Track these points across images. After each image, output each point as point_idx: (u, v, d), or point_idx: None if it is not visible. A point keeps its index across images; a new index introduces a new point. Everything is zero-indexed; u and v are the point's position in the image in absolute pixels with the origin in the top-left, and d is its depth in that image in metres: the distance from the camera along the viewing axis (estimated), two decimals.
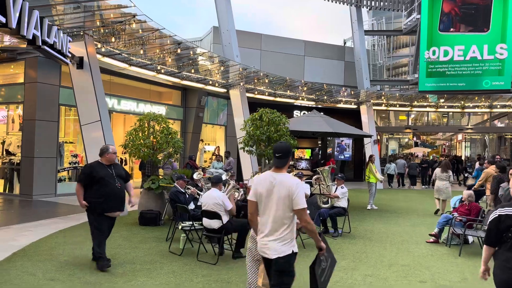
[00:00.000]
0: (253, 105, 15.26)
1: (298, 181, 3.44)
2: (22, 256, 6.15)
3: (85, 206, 5.57)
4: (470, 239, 7.87)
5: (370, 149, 19.40)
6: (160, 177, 9.55)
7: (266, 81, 16.32)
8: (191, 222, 6.68)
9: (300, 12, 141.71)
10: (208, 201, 6.25)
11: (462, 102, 22.82)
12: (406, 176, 20.13)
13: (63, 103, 12.71)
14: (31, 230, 7.89)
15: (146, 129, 9.22)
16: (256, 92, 18.04)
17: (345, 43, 30.29)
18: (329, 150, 23.88)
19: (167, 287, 4.97)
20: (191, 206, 7.50)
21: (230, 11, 16.27)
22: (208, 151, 19.47)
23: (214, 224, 6.15)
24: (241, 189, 8.80)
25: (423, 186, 20.00)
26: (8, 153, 12.97)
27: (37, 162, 11.99)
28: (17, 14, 6.26)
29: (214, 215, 6.11)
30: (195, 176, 8.91)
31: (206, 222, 6.25)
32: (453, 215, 7.79)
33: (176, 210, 7.11)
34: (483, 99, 22.32)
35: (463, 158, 26.77)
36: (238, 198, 8.08)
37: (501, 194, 7.77)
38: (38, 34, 7.01)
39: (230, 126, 18.83)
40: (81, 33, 9.69)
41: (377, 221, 10.18)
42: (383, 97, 21.57)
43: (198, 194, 8.00)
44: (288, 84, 17.36)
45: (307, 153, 22.31)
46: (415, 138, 35.64)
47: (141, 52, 11.84)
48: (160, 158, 9.29)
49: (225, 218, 6.17)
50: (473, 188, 10.06)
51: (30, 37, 6.74)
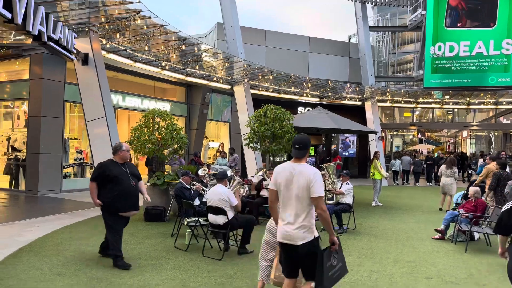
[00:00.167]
0: (257, 101, 15.27)
1: (316, 171, 3.58)
2: (28, 251, 6.18)
3: (100, 205, 5.46)
4: (476, 235, 7.83)
5: (374, 145, 19.35)
6: (166, 173, 9.57)
7: (271, 77, 16.29)
8: (196, 218, 6.69)
9: (304, 9, 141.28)
10: (213, 197, 6.25)
11: (468, 99, 22.68)
12: (411, 173, 20.06)
13: (68, 99, 12.76)
14: (37, 226, 7.93)
15: (151, 125, 9.23)
16: (260, 89, 18.02)
17: (349, 39, 30.18)
18: (333, 147, 23.84)
19: (173, 283, 4.98)
20: (196, 202, 7.50)
21: (235, 7, 16.23)
22: (212, 147, 19.48)
23: (220, 220, 6.15)
24: (246, 185, 8.81)
25: (428, 183, 19.92)
26: (14, 149, 13.03)
27: (42, 158, 12.04)
28: (23, 10, 6.28)
29: (219, 211, 6.11)
30: (200, 172, 8.91)
31: (212, 218, 6.25)
32: (459, 211, 7.75)
33: (182, 206, 7.12)
34: (489, 96, 22.17)
35: (468, 155, 26.62)
36: (243, 194, 8.09)
37: (507, 192, 7.78)
38: (44, 30, 7.03)
39: (234, 122, 18.82)
40: (86, 29, 9.70)
41: (382, 217, 10.15)
42: (388, 94, 21.48)
43: (203, 190, 8.00)
44: (292, 81, 17.33)
45: (310, 150, 22.26)
46: (419, 135, 35.50)
47: (146, 48, 11.84)
48: (165, 154, 9.30)
49: (231, 214, 6.17)
50: (474, 184, 10.09)
51: (36, 33, 6.76)
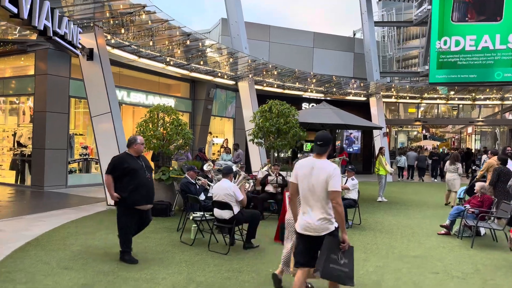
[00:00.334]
0: (262, 97, 15.23)
1: (336, 167, 3.73)
2: (35, 246, 6.22)
3: (117, 198, 5.36)
4: (482, 231, 7.79)
5: (379, 141, 19.29)
6: (171, 168, 9.59)
7: (275, 73, 16.25)
8: (202, 213, 6.70)
9: (309, 4, 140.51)
10: (219, 192, 6.25)
11: (473, 94, 22.53)
12: (416, 168, 20.00)
13: (73, 95, 12.79)
14: (43, 221, 7.98)
15: (156, 120, 9.24)
16: (264, 84, 17.98)
17: (354, 34, 30.04)
18: (337, 143, 23.77)
19: (180, 276, 4.99)
20: (202, 197, 7.51)
21: (239, 2, 16.16)
22: (217, 143, 19.50)
23: (225, 214, 6.16)
24: (251, 181, 8.81)
25: (433, 179, 19.84)
26: (20, 144, 13.09)
27: (48, 153, 12.09)
28: (29, 5, 6.28)
29: (225, 206, 6.12)
30: (205, 167, 8.91)
31: (218, 212, 6.26)
32: (465, 207, 7.72)
33: (187, 200, 7.12)
34: (495, 91, 22.02)
35: (473, 151, 26.48)
36: (249, 189, 8.09)
37: (509, 185, 7.75)
38: (49, 25, 7.02)
39: (239, 118, 18.82)
40: (91, 25, 9.69)
41: (387, 213, 10.13)
42: (393, 89, 21.38)
43: (209, 185, 8.01)
44: (297, 76, 17.28)
45: (310, 146, 22.00)
46: (424, 131, 35.34)
47: (150, 43, 11.84)
48: (171, 149, 9.32)
49: (236, 209, 6.18)
50: (475, 178, 10.15)
51: (42, 28, 6.76)
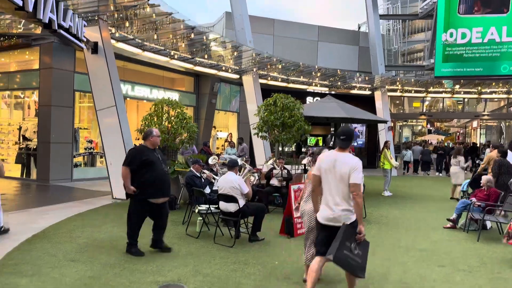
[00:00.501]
0: (266, 91, 15.17)
1: (358, 160, 3.91)
2: (42, 238, 6.25)
3: (134, 191, 5.31)
4: (488, 224, 7.76)
5: (384, 135, 19.20)
6: (176, 162, 9.59)
7: (279, 66, 16.18)
8: (207, 206, 6.71)
9: None
10: (224, 185, 6.25)
11: (479, 88, 22.35)
12: (421, 162, 19.91)
13: (77, 89, 12.80)
14: (49, 214, 8.01)
15: (161, 114, 9.24)
16: (269, 78, 17.91)
17: (359, 28, 29.83)
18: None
19: (186, 269, 5.00)
20: (207, 190, 7.51)
21: None
22: (221, 137, 19.49)
23: (231, 207, 6.15)
24: (256, 174, 8.79)
25: (438, 173, 19.76)
26: (25, 138, 13.14)
27: (53, 147, 12.13)
28: None
29: (230, 199, 6.12)
30: (210, 160, 8.91)
31: (223, 205, 6.26)
32: (471, 200, 7.67)
33: (192, 194, 7.13)
34: (501, 85, 21.83)
35: (478, 145, 26.35)
36: (254, 183, 8.08)
37: (511, 182, 7.78)
38: (54, 18, 7.01)
39: (243, 112, 18.79)
40: (96, 18, 9.67)
41: (392, 207, 10.10)
42: (398, 83, 21.24)
43: (214, 179, 8.01)
44: (301, 70, 17.19)
45: (314, 140, 21.88)
46: (428, 125, 35.17)
47: (155, 37, 11.79)
48: (176, 142, 9.31)
49: (242, 202, 6.17)
50: (477, 172, 10.31)
51: (46, 21, 6.75)
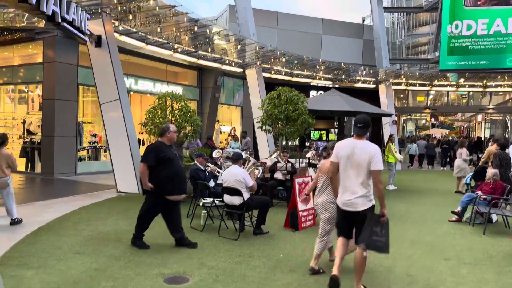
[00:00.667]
0: (269, 85, 15.12)
1: (377, 147, 4.06)
2: (47, 231, 6.27)
3: (151, 188, 5.28)
4: (494, 218, 7.71)
5: (388, 129, 19.11)
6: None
7: (283, 60, 16.09)
8: (212, 199, 6.70)
9: None
10: (229, 178, 6.23)
11: (485, 81, 22.18)
12: (426, 156, 19.85)
13: (81, 82, 12.79)
14: (54, 207, 8.04)
15: (165, 107, 9.21)
16: (272, 72, 17.84)
17: (363, 21, 29.64)
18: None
19: (191, 261, 5.00)
20: (211, 183, 7.50)
21: None
22: (224, 132, 19.47)
23: (236, 200, 6.14)
24: (260, 167, 8.77)
25: (442, 168, 19.67)
26: (29, 132, 13.17)
27: (57, 141, 12.15)
28: None
29: (235, 192, 6.10)
30: (214, 154, 8.89)
31: (228, 198, 6.24)
32: (477, 194, 7.63)
33: (197, 187, 7.13)
34: (506, 78, 21.65)
35: (483, 139, 26.22)
36: (258, 176, 8.05)
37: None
38: (58, 10, 6.98)
39: (246, 106, 18.74)
40: (99, 11, 9.63)
41: (397, 200, 10.06)
42: (402, 76, 21.10)
43: (218, 172, 8.00)
44: (305, 63, 17.10)
45: (317, 134, 21.71)
46: (432, 119, 35.02)
47: (158, 30, 11.74)
48: (180, 136, 9.30)
49: (246, 195, 6.16)
50: (478, 165, 10.43)
51: (50, 13, 6.73)
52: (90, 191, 10.05)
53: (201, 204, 6.75)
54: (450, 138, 24.11)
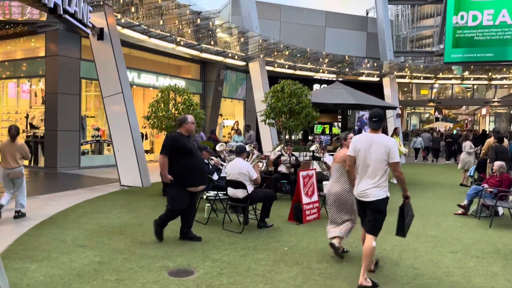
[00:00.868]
0: (273, 79, 15.04)
1: (394, 140, 4.29)
2: (50, 224, 6.26)
3: (170, 180, 5.19)
4: (500, 211, 7.64)
5: (392, 122, 19.01)
6: None
7: (286, 53, 15.98)
8: (215, 192, 6.65)
9: None
10: (232, 171, 6.18)
11: (490, 74, 21.97)
12: (431, 150, 19.78)
13: (84, 76, 12.75)
14: (57, 200, 8.04)
15: (168, 100, 9.16)
16: (276, 65, 17.73)
17: (367, 13, 29.36)
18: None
19: (195, 254, 4.97)
20: (215, 177, 7.47)
21: None
22: (227, 125, 19.41)
23: (239, 193, 6.10)
24: (264, 161, 8.72)
25: (446, 161, 19.57)
26: (32, 126, 13.17)
27: (60, 135, 12.14)
28: None
29: (239, 185, 6.05)
30: (218, 147, 8.85)
31: (231, 191, 6.20)
32: (483, 186, 7.55)
33: None
34: (511, 71, 21.45)
35: (488, 133, 26.04)
36: (262, 169, 8.01)
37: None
38: (59, 2, 6.92)
39: (249, 100, 18.66)
40: (101, 3, 9.55)
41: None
42: (406, 69, 20.94)
43: (221, 165, 7.96)
44: (308, 56, 16.98)
45: (320, 128, 21.48)
46: (436, 113, 34.79)
47: (160, 23, 11.66)
48: None
49: (250, 188, 6.11)
50: (480, 157, 10.50)
51: (52, 6, 6.67)
52: (93, 184, 10.05)
53: (204, 197, 6.72)
54: (454, 131, 23.94)
